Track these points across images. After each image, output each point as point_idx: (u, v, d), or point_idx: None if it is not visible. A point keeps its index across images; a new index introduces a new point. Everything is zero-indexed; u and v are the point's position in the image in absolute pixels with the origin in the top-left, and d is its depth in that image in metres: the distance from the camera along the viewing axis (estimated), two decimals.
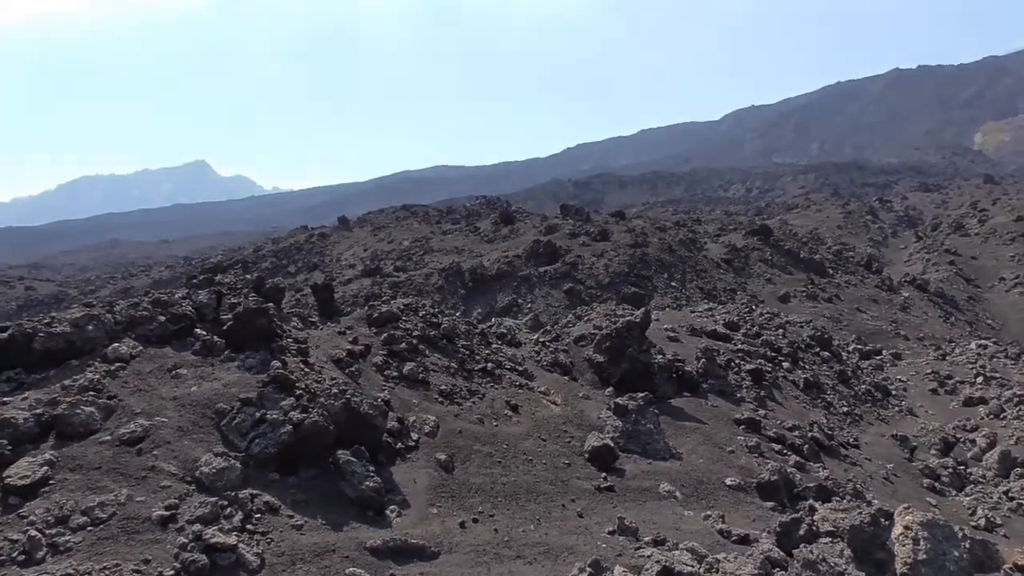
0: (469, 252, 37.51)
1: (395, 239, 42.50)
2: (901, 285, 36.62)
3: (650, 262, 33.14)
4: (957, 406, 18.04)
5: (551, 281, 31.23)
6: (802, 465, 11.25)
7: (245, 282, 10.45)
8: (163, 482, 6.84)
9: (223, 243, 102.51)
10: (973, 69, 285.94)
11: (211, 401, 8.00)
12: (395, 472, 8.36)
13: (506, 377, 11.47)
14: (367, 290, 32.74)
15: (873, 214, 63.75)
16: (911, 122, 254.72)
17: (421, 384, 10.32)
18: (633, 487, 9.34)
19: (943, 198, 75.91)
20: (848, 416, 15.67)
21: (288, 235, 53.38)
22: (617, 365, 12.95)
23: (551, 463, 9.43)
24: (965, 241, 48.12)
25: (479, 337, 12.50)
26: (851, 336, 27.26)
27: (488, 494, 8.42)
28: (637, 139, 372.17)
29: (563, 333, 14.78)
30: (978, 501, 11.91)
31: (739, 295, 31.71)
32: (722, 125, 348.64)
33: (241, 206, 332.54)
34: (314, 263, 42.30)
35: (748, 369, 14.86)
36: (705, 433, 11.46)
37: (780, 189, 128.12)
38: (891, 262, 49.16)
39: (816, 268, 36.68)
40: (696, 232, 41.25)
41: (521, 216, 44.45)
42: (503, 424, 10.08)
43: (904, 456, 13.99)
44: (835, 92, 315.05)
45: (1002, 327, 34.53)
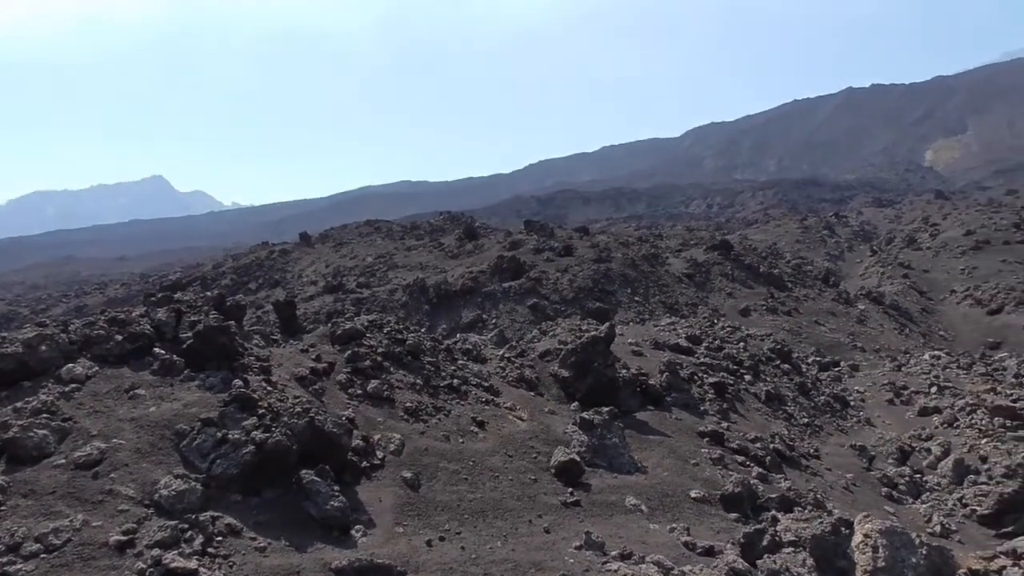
0: (433, 268, 37.42)
1: (358, 255, 42.23)
2: (857, 298, 37.35)
3: (614, 277, 33.37)
4: (912, 416, 18.41)
5: (516, 296, 31.28)
6: (765, 476, 11.38)
7: (205, 299, 10.29)
8: (121, 506, 6.69)
9: (182, 260, 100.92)
10: (923, 88, 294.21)
11: (171, 422, 7.85)
12: (360, 491, 8.28)
13: (472, 393, 11.44)
14: (330, 307, 32.45)
15: (830, 229, 65.05)
16: (865, 139, 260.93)
17: (386, 401, 10.25)
18: (599, 501, 9.36)
19: (896, 213, 77.78)
20: (808, 427, 15.90)
21: (249, 251, 52.71)
22: (582, 380, 13.00)
23: (518, 479, 9.42)
24: (918, 255, 49.32)
25: (444, 353, 12.46)
26: (810, 348, 27.70)
27: (455, 511, 8.38)
28: (599, 155, 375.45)
29: (528, 348, 14.80)
30: (934, 508, 12.15)
31: (701, 309, 32.06)
32: (683, 142, 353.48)
33: (200, 222, 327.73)
34: (275, 280, 41.82)
35: (711, 382, 15.00)
36: (669, 446, 11.54)
37: (740, 205, 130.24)
38: (847, 276, 50.15)
39: (775, 282, 37.27)
40: (658, 247, 41.69)
41: (485, 232, 44.50)
42: (469, 441, 10.05)
43: (863, 465, 14.22)
44: (792, 110, 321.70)
45: (954, 338, 35.39)
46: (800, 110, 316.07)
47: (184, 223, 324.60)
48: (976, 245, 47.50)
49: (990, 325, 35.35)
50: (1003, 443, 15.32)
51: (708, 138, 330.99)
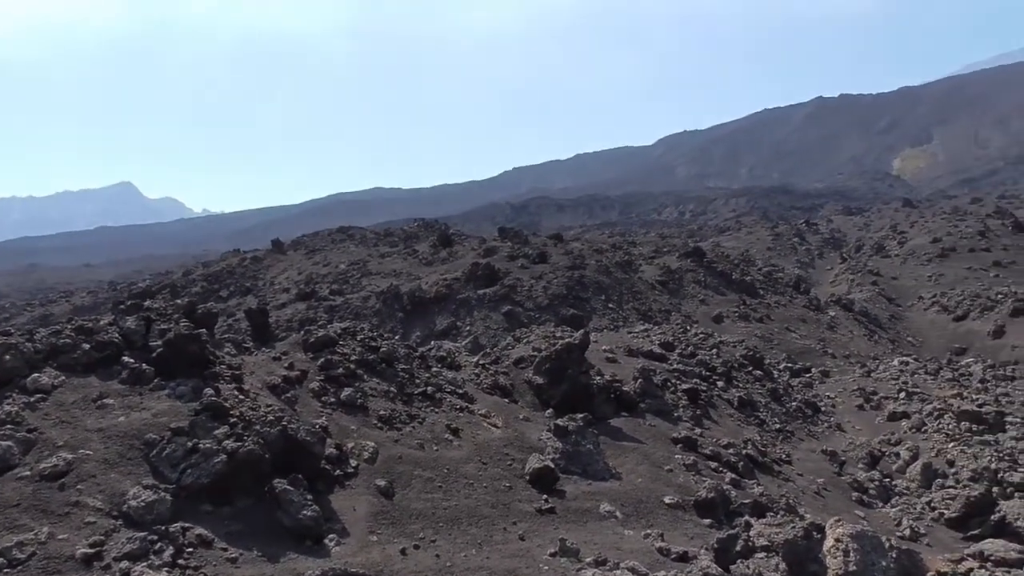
0: (407, 275, 37.27)
1: (331, 262, 41.93)
2: (828, 305, 37.81)
3: (588, 284, 33.48)
4: (882, 421, 18.66)
5: (490, 304, 31.25)
6: (737, 482, 11.46)
7: (175, 307, 10.17)
8: (88, 518, 6.57)
9: (151, 267, 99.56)
10: (890, 98, 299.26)
11: (140, 432, 7.74)
12: (334, 500, 8.22)
13: (446, 401, 11.40)
14: (302, 314, 32.19)
15: (800, 236, 65.83)
16: (834, 148, 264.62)
17: (360, 409, 10.18)
18: (574, 508, 9.37)
19: (865, 221, 78.91)
20: (780, 433, 16.04)
21: (220, 259, 52.13)
22: (557, 387, 13.02)
23: (492, 486, 9.40)
24: (886, 262, 50.03)
25: (418, 361, 12.41)
26: (782, 355, 27.97)
27: (429, 519, 8.34)
28: (573, 163, 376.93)
29: (503, 355, 14.79)
30: (903, 512, 12.31)
31: (674, 316, 32.27)
32: (655, 150, 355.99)
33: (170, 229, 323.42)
34: (247, 287, 41.38)
35: (684, 388, 15.10)
36: (643, 452, 11.58)
37: (712, 212, 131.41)
38: (818, 283, 50.76)
39: (747, 289, 37.62)
40: (632, 254, 41.88)
41: (459, 239, 44.44)
42: (444, 448, 10.01)
43: (833, 470, 14.38)
44: (763, 119, 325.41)
45: (922, 344, 35.94)
46: (771, 119, 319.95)
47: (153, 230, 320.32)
48: (942, 253, 48.30)
49: (956, 331, 35.94)
50: (969, 447, 15.59)
51: (680, 146, 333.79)
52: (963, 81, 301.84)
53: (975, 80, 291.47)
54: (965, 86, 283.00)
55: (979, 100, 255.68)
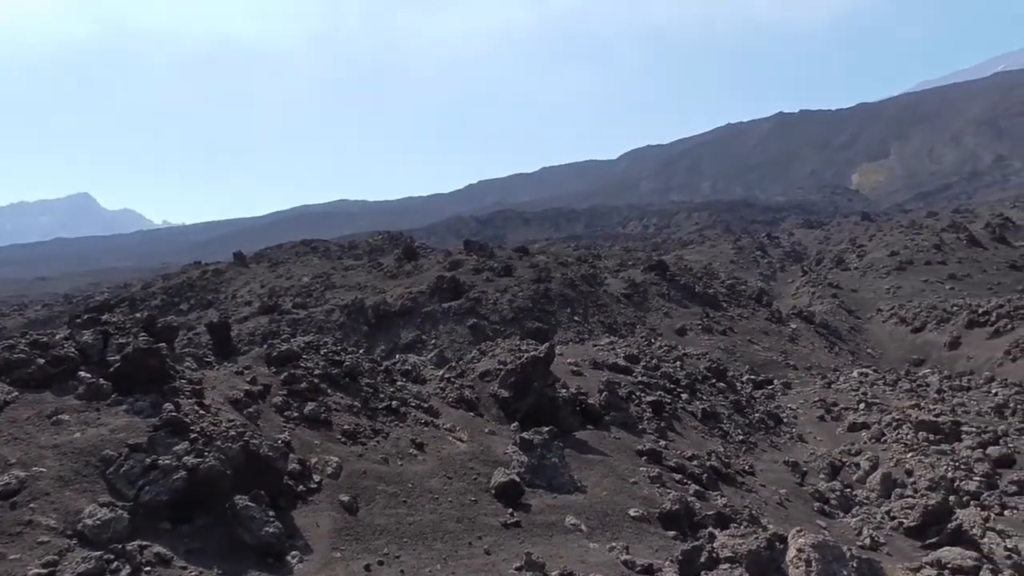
0: (372, 288, 37.06)
1: (294, 275, 41.54)
2: (789, 317, 38.39)
3: (553, 297, 33.60)
4: (842, 431, 18.96)
5: (455, 317, 31.19)
6: (702, 494, 11.54)
7: (134, 321, 9.98)
8: (41, 537, 6.39)
9: (109, 280, 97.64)
10: (849, 114, 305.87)
11: (96, 448, 7.56)
12: (296, 516, 8.11)
13: (411, 415, 11.33)
14: (265, 328, 31.81)
15: (762, 249, 66.83)
16: (795, 163, 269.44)
17: (323, 424, 10.07)
18: (539, 522, 9.35)
19: (826, 234, 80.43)
20: (743, 444, 16.20)
21: (180, 271, 51.30)
22: (522, 400, 13.01)
23: (457, 501, 9.35)
24: (846, 275, 51.00)
25: (383, 375, 12.32)
26: (744, 367, 28.30)
27: (394, 535, 8.26)
28: (538, 176, 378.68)
29: (468, 369, 14.75)
30: (863, 522, 12.50)
31: (639, 329, 32.50)
32: (620, 164, 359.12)
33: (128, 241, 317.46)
34: (208, 300, 40.78)
35: (648, 401, 15.19)
36: (609, 465, 11.62)
37: (676, 226, 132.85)
38: (780, 295, 51.53)
39: (711, 302, 38.04)
40: (597, 267, 42.14)
41: (424, 252, 44.33)
42: (408, 463, 9.94)
43: (796, 481, 14.55)
44: (725, 134, 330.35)
45: (881, 355, 36.63)
46: (733, 134, 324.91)
47: (111, 242, 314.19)
48: (900, 265, 49.38)
49: (914, 343, 36.71)
50: (927, 456, 15.89)
51: (644, 160, 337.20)
52: (918, 98, 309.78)
53: (929, 97, 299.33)
54: (920, 103, 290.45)
55: (933, 117, 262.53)
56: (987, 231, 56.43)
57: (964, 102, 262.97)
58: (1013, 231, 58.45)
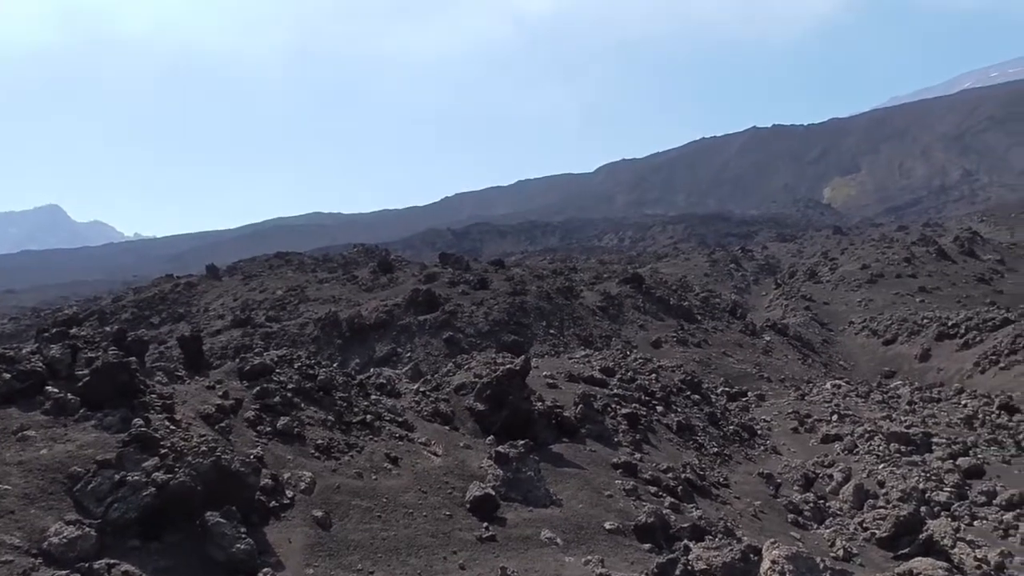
0: (346, 301, 36.83)
1: (268, 288, 41.17)
2: (763, 330, 38.70)
3: (529, 310, 33.60)
4: (816, 443, 19.12)
5: (431, 330, 31.08)
6: (677, 506, 11.56)
7: (104, 335, 9.83)
8: (5, 556, 6.25)
9: (78, 293, 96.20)
10: (820, 129, 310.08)
11: (63, 464, 7.42)
12: (269, 532, 8.00)
13: (386, 429, 11.25)
14: (238, 342, 31.46)
15: (736, 263, 67.41)
16: (768, 177, 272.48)
17: (296, 439, 9.97)
18: (515, 536, 9.31)
19: (798, 248, 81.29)
20: (718, 456, 16.28)
21: (151, 284, 50.59)
22: (498, 413, 12.98)
23: (432, 515, 9.29)
24: (818, 288, 51.55)
25: (357, 388, 12.23)
26: (719, 379, 28.47)
27: (368, 550, 8.18)
28: (514, 189, 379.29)
29: (443, 382, 14.69)
30: (836, 533, 12.58)
31: (614, 341, 32.58)
32: (595, 177, 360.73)
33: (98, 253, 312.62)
34: (180, 314, 40.27)
35: (624, 413, 15.21)
36: (584, 478, 11.61)
37: (651, 239, 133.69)
38: (753, 308, 51.98)
39: (685, 314, 38.27)
40: (572, 280, 42.25)
41: (400, 264, 44.17)
42: (383, 477, 9.86)
43: (770, 493, 14.63)
44: (699, 148, 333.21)
45: (853, 367, 37.03)
46: (707, 148, 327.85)
47: (81, 254, 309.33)
48: (871, 279, 50.03)
49: (885, 355, 37.17)
50: (898, 468, 16.07)
51: (619, 174, 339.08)
52: (888, 113, 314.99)
53: (899, 113, 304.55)
54: (890, 118, 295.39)
55: (903, 133, 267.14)
56: (956, 245, 57.37)
57: (932, 118, 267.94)
58: (981, 245, 59.45)
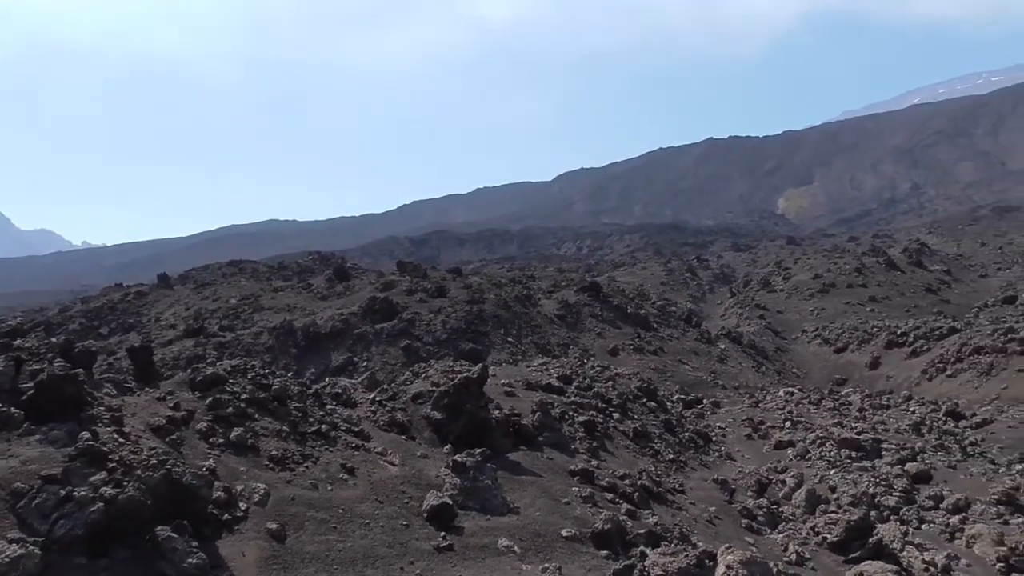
0: (302, 310, 36.41)
1: (221, 297, 40.51)
2: (718, 338, 39.26)
3: (487, 318, 33.59)
4: (769, 449, 19.44)
5: (388, 338, 30.88)
6: (633, 512, 11.64)
7: (49, 346, 9.57)
8: None
9: (23, 303, 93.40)
10: (775, 141, 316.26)
11: (6, 481, 7.20)
12: (222, 546, 7.86)
13: (341, 439, 11.14)
14: (190, 352, 30.87)
15: (692, 272, 68.32)
16: (724, 187, 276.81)
17: (250, 450, 9.82)
18: (472, 544, 9.29)
19: (753, 257, 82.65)
20: (674, 463, 16.44)
21: (100, 293, 49.42)
22: (455, 422, 12.94)
23: (389, 525, 9.22)
24: (772, 297, 52.46)
25: (312, 398, 12.10)
26: (675, 386, 28.78)
27: (323, 562, 8.09)
28: (473, 197, 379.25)
29: (400, 391, 14.60)
30: (789, 537, 12.79)
31: (572, 349, 32.74)
32: (554, 186, 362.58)
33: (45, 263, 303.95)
34: (130, 324, 39.38)
35: (581, 421, 15.29)
36: (541, 486, 11.63)
37: (608, 248, 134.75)
38: (709, 316, 52.69)
39: (642, 323, 38.63)
40: (531, 288, 42.38)
41: (356, 272, 43.82)
42: (339, 488, 9.76)
43: (724, 499, 14.82)
44: (656, 158, 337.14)
45: (805, 375, 37.74)
46: (664, 158, 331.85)
47: (26, 264, 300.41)
48: (823, 288, 51.09)
49: (836, 363, 37.96)
50: (849, 473, 16.42)
51: (578, 182, 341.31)
52: (840, 127, 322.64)
53: (850, 126, 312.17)
54: (842, 132, 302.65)
55: (854, 146, 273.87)
56: (905, 255, 58.95)
57: (883, 132, 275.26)
58: (929, 256, 61.17)
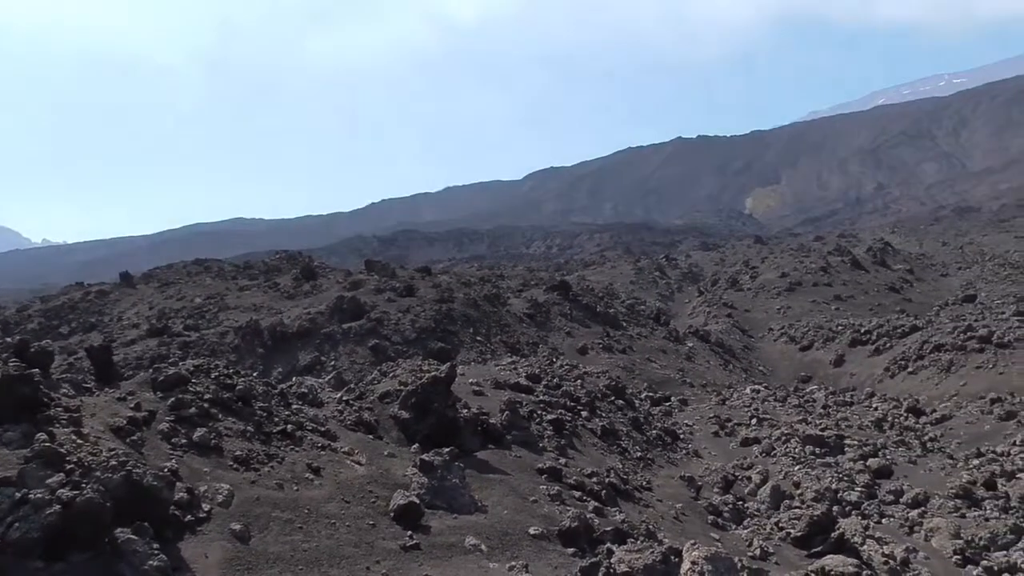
0: (268, 309, 36.04)
1: (186, 296, 39.93)
2: (686, 336, 39.61)
3: (456, 317, 33.53)
4: (735, 446, 19.65)
5: (356, 338, 30.69)
6: (600, 510, 11.69)
7: (5, 346, 9.35)
8: None
9: None
10: (743, 141, 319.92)
11: None
12: (184, 548, 7.75)
13: (307, 439, 11.03)
14: (154, 351, 30.37)
15: (661, 270, 68.83)
16: (692, 187, 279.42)
17: (213, 451, 9.68)
18: (439, 543, 9.26)
19: (721, 256, 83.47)
20: (641, 460, 16.55)
21: (60, 292, 48.40)
22: (423, 421, 12.89)
23: (355, 525, 9.15)
24: (740, 295, 53.07)
25: (278, 398, 11.96)
26: (643, 384, 28.98)
27: (288, 563, 8.01)
28: (442, 196, 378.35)
29: (368, 391, 14.51)
30: (754, 533, 12.94)
31: (541, 348, 32.81)
32: (524, 185, 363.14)
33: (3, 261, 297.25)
34: (91, 323, 38.65)
35: (549, 419, 15.32)
36: (509, 484, 11.63)
37: (578, 247, 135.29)
38: (677, 315, 53.13)
39: (611, 321, 38.83)
40: (500, 288, 42.39)
41: (324, 271, 43.47)
42: (304, 488, 9.67)
43: (691, 495, 14.95)
44: (625, 157, 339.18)
45: (771, 372, 38.23)
46: (633, 158, 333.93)
47: None
48: (790, 287, 51.79)
49: (802, 360, 38.51)
50: (813, 469, 16.65)
51: (548, 182, 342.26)
52: (807, 127, 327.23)
53: (817, 127, 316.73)
54: (809, 132, 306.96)
55: (821, 146, 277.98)
56: (869, 255, 59.95)
57: (849, 133, 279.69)
58: (892, 255, 62.28)
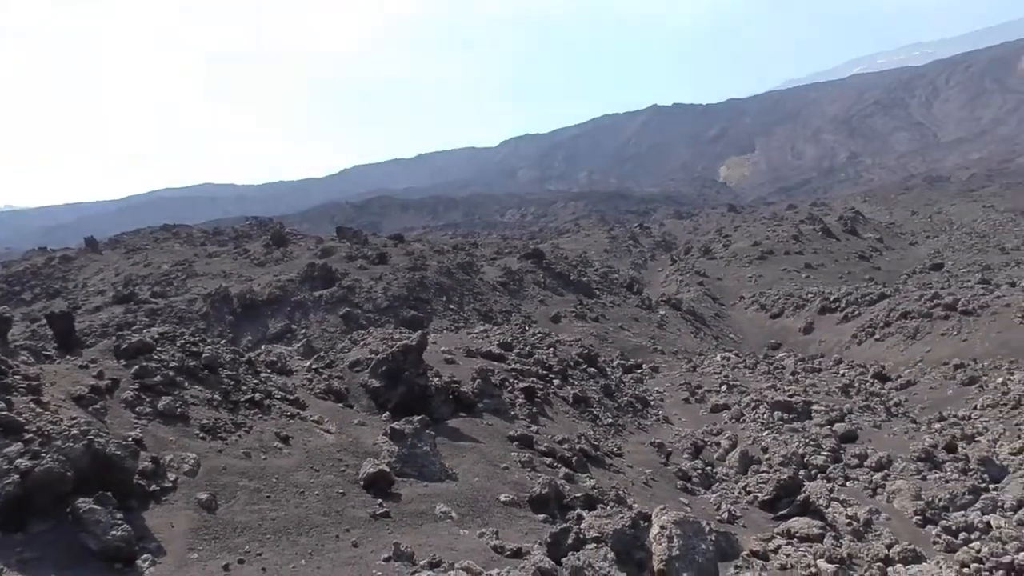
0: (238, 276, 35.62)
1: (153, 262, 39.30)
2: (658, 304, 39.80)
3: (429, 285, 33.38)
4: (705, 413, 19.85)
5: (327, 306, 30.44)
6: (571, 476, 11.76)
7: None
8: None
9: None
10: (718, 109, 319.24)
11: None
12: (149, 517, 7.66)
13: (276, 407, 10.93)
14: (119, 319, 29.90)
15: (634, 239, 68.93)
16: (667, 155, 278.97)
17: (179, 419, 9.56)
18: (409, 511, 9.25)
19: (694, 225, 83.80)
20: (612, 427, 16.66)
21: (23, 257, 47.44)
22: (393, 389, 12.84)
23: (324, 494, 9.10)
24: (712, 264, 53.32)
25: (245, 366, 11.82)
26: (615, 352, 29.12)
27: (256, 532, 7.95)
28: (417, 163, 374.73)
29: (338, 359, 14.41)
30: (722, 497, 13.12)
31: (514, 316, 32.80)
32: (499, 152, 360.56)
33: None
34: (55, 289, 37.93)
35: (521, 387, 15.34)
36: (481, 452, 11.64)
37: (553, 215, 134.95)
38: (650, 283, 53.35)
39: (584, 290, 38.89)
40: (473, 256, 42.20)
41: (295, 238, 42.96)
42: (272, 457, 9.59)
43: (661, 461, 15.10)
44: (601, 125, 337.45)
45: (742, 340, 38.59)
46: (609, 125, 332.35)
47: None
48: (761, 255, 52.09)
49: (772, 328, 38.89)
50: (780, 434, 16.88)
51: (523, 149, 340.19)
52: (783, 96, 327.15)
53: (793, 96, 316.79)
54: (784, 100, 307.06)
55: (796, 114, 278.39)
56: (840, 223, 60.41)
57: (823, 102, 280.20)
58: (863, 224, 62.82)
